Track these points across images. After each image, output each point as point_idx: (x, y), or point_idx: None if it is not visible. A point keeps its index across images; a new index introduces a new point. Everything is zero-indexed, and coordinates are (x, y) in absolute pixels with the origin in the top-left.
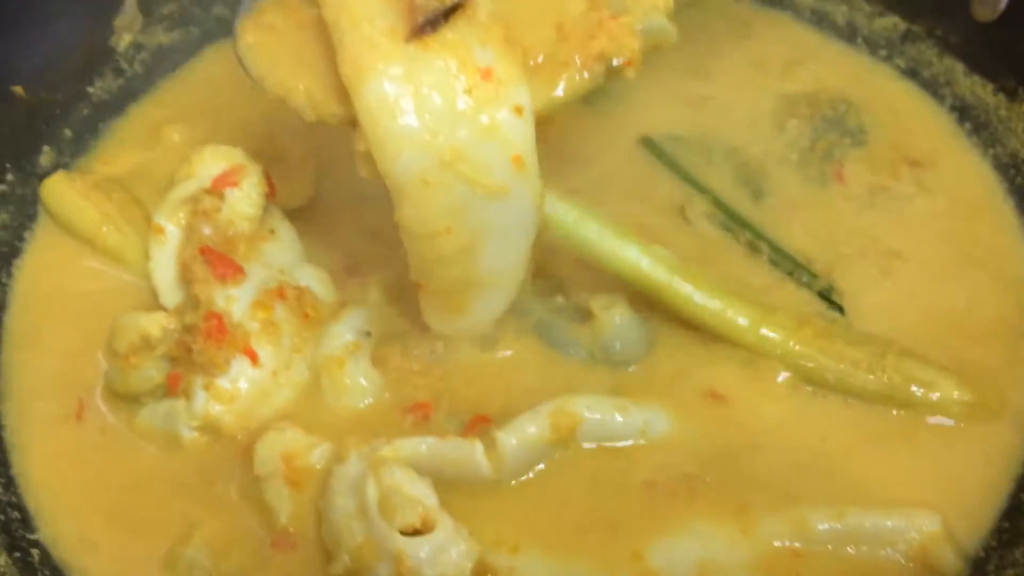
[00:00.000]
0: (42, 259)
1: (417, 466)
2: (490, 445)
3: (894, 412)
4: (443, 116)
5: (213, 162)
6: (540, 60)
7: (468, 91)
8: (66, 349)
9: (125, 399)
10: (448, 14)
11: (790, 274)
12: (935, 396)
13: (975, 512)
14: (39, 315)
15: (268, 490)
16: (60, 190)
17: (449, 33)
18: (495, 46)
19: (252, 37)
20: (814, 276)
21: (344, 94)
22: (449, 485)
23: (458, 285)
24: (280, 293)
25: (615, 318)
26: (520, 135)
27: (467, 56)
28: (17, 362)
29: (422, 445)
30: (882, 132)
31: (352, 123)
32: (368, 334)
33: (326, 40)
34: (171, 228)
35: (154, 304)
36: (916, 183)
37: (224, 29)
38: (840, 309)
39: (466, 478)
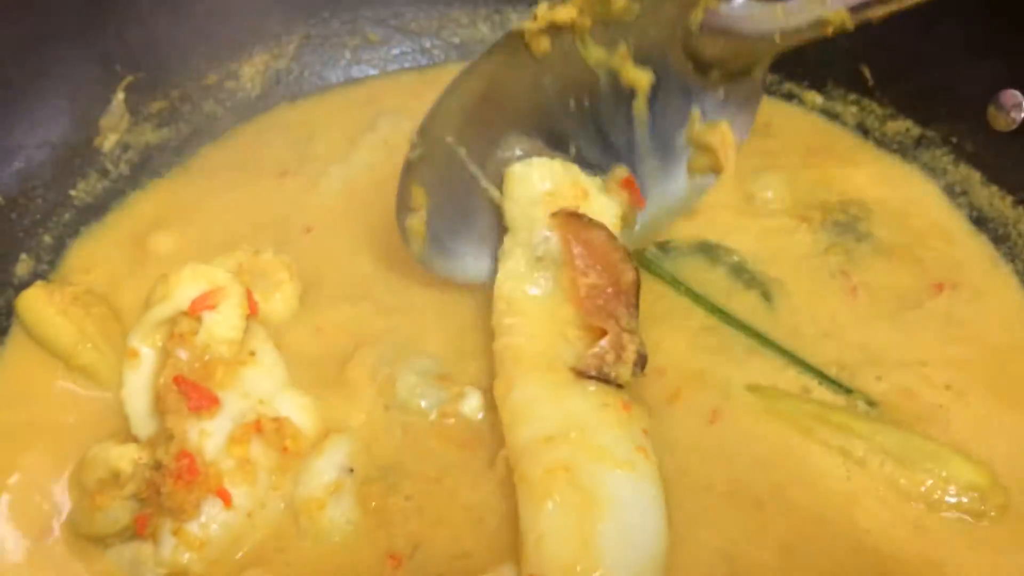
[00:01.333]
0: (12, 376)
1: None
2: None
3: None
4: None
5: (192, 283)
6: None
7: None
8: (36, 476)
9: (90, 540)
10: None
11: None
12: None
13: None
14: (12, 435)
15: None
16: (37, 304)
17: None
18: None
19: None
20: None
21: None
22: None
23: None
24: (257, 427)
25: None
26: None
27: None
28: None
29: None
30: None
31: None
32: (351, 471)
33: None
34: (146, 351)
35: (127, 433)
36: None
37: (214, 127)
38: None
39: None
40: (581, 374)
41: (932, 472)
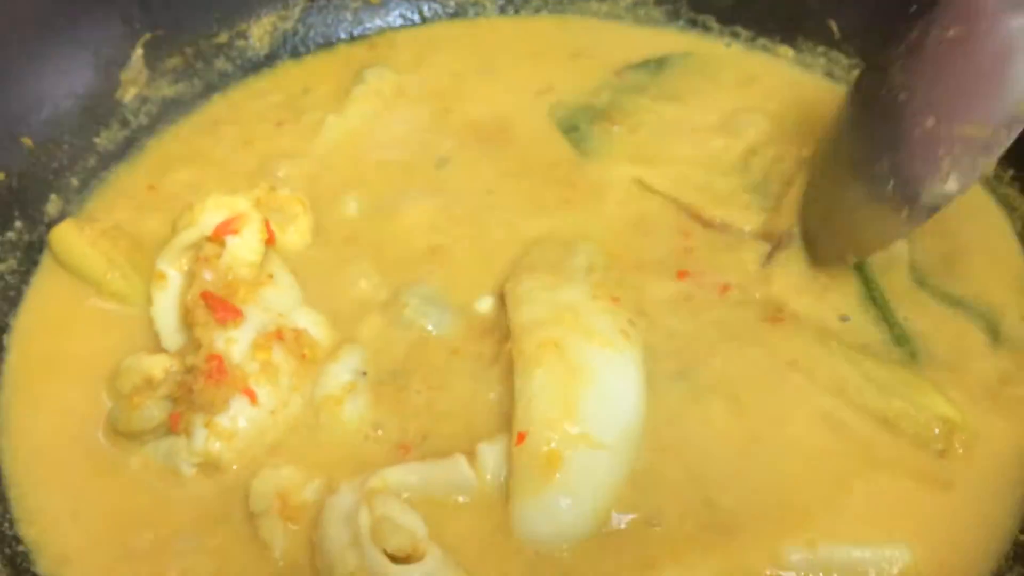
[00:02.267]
0: (47, 303)
1: (407, 491)
2: (472, 457)
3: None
4: None
5: (215, 210)
6: None
7: None
8: (69, 390)
9: (128, 437)
10: None
11: None
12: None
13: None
14: (44, 356)
15: (263, 527)
16: (68, 237)
17: None
18: None
19: None
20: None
21: None
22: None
23: None
24: (278, 335)
25: None
26: None
27: None
28: (21, 401)
29: (409, 472)
30: None
31: None
32: (364, 373)
33: None
34: (173, 274)
35: (156, 347)
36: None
37: (225, 82)
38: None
39: (455, 492)
40: None
41: (906, 397)
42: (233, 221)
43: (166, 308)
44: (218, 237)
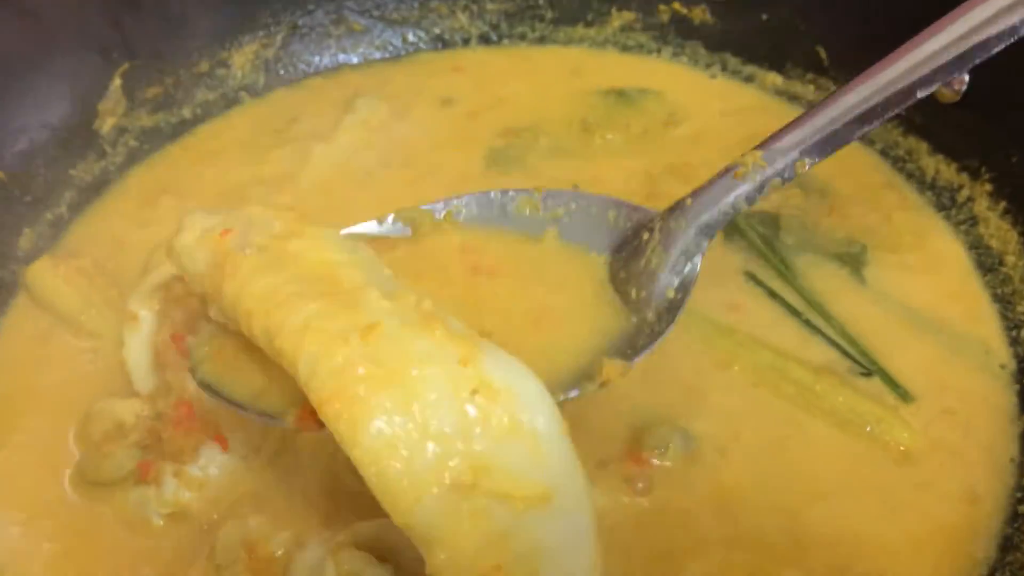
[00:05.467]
0: (18, 341)
1: (376, 546)
2: None
3: None
4: (454, 434)
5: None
6: None
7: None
8: (38, 430)
9: (96, 485)
10: None
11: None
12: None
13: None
14: (12, 397)
15: None
16: (44, 275)
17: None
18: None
19: None
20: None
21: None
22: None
23: None
24: None
25: None
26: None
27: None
28: None
29: (382, 527)
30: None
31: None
32: None
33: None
34: (145, 314)
35: (129, 389)
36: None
37: (207, 111)
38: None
39: None
40: None
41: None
42: None
43: (137, 348)
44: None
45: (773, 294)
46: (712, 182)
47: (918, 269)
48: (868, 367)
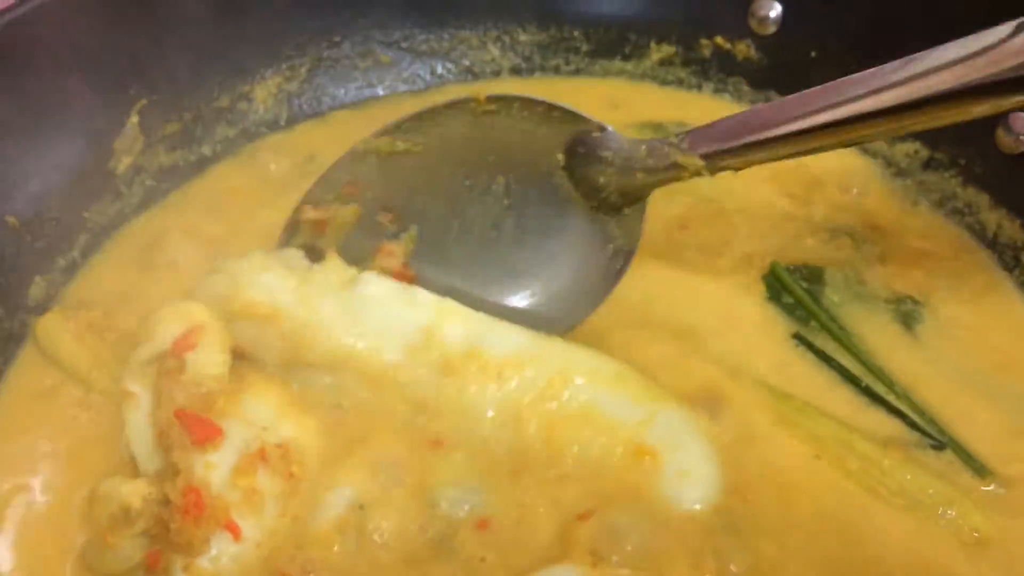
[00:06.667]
0: (22, 397)
1: None
2: None
3: None
4: None
5: (172, 322)
6: None
7: None
8: (40, 512)
9: None
10: None
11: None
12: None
13: None
14: (14, 466)
15: None
16: (54, 331)
17: None
18: None
19: None
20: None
21: None
22: None
23: None
24: (262, 455)
25: None
26: None
27: None
28: None
29: None
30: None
31: None
32: (362, 507)
33: None
34: (139, 391)
35: (135, 469)
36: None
37: (228, 148)
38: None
39: None
40: None
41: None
42: (189, 335)
43: (140, 427)
44: (177, 354)
45: (827, 358)
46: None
47: (977, 328)
48: (939, 439)
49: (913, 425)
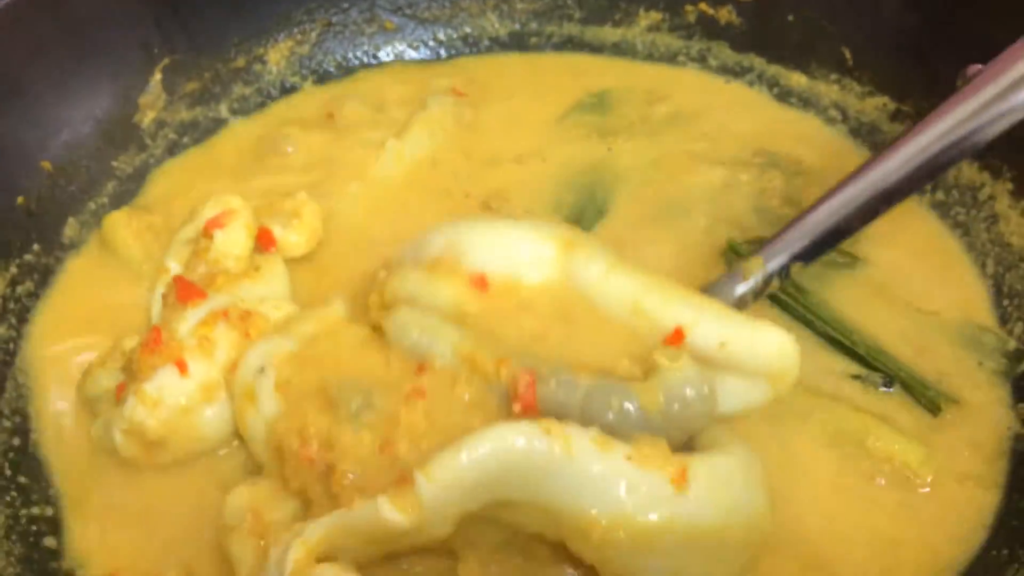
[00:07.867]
0: (59, 320)
1: (334, 547)
2: (400, 493)
3: None
4: None
5: (212, 208)
6: None
7: None
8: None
9: (85, 404)
10: None
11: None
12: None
13: None
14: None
15: (234, 542)
16: (118, 226)
17: None
18: None
19: None
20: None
21: None
22: None
23: None
24: (224, 313)
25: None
26: None
27: None
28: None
29: (325, 525)
30: None
31: None
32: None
33: None
34: (174, 266)
35: None
36: None
37: (243, 106)
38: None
39: (387, 537)
40: None
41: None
42: (221, 216)
43: (159, 298)
44: (208, 231)
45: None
46: (721, 278)
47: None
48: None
49: (866, 364)
